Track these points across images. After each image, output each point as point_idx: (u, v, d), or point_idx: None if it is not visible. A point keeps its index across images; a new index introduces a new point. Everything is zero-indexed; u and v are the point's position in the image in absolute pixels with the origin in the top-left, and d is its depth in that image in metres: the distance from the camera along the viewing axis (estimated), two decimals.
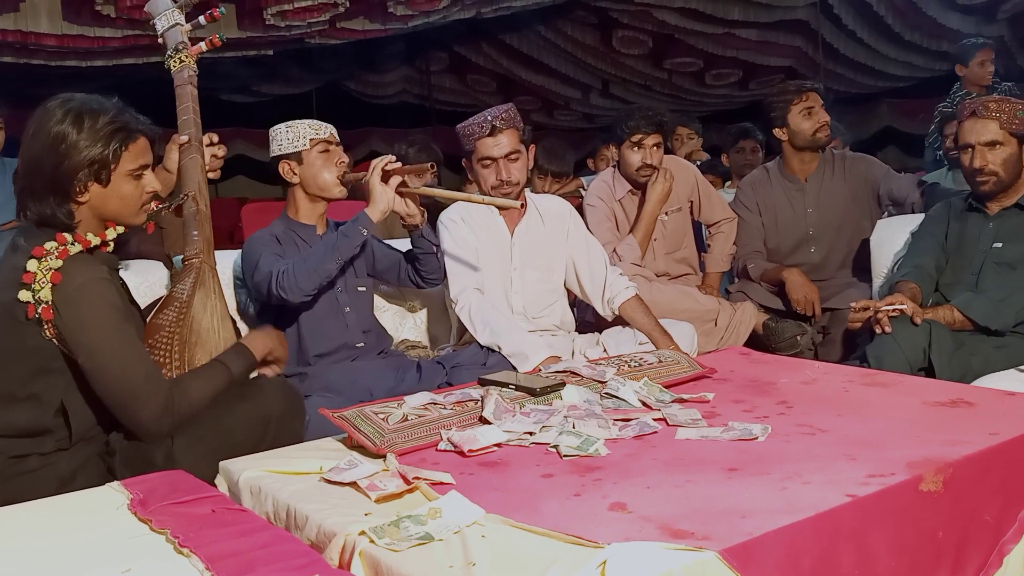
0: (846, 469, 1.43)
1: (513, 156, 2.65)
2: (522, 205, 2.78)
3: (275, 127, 2.53)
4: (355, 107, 9.94)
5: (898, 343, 2.38)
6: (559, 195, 3.68)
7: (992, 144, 2.59)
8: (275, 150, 2.51)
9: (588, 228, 3.00)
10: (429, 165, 2.59)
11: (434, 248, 2.55)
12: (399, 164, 2.40)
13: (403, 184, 2.40)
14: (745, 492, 1.36)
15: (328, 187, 2.49)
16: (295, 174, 2.49)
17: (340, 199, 2.54)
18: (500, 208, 2.47)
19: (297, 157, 2.48)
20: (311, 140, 2.47)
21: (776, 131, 3.39)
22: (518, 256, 2.75)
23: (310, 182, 2.49)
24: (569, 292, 2.92)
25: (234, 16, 5.68)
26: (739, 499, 1.33)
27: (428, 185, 3.89)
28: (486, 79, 9.67)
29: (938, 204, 2.93)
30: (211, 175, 2.33)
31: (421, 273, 2.60)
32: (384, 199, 2.35)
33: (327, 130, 2.51)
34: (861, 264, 3.29)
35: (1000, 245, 2.61)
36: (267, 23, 5.74)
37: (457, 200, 2.59)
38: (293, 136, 2.48)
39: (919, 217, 2.98)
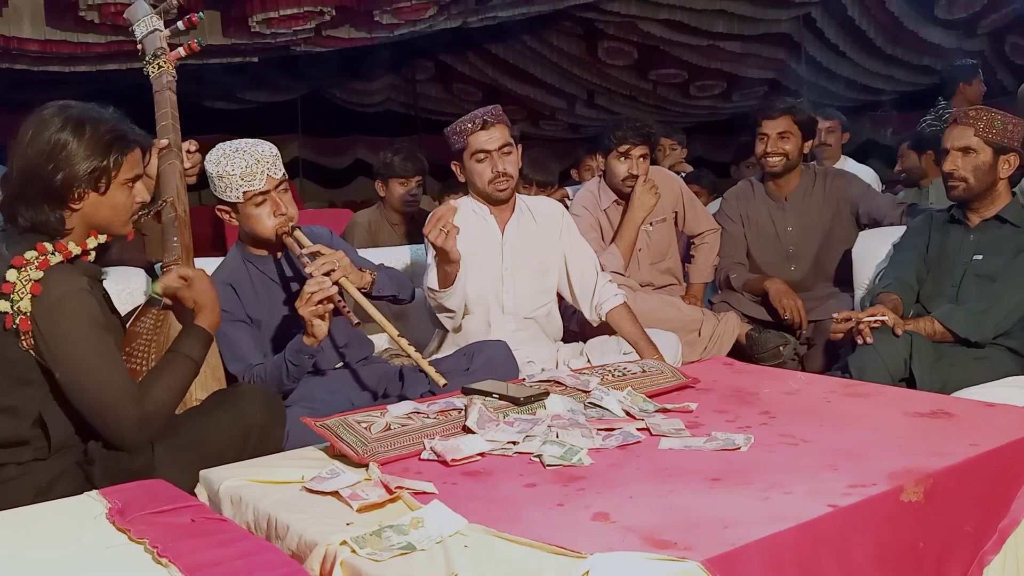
0: (828, 479, 1.43)
1: (506, 149, 2.67)
2: (512, 205, 2.78)
3: (208, 164, 2.29)
4: (340, 115, 9.93)
5: (879, 354, 2.40)
6: None
7: (965, 150, 2.61)
8: (211, 188, 2.32)
9: None
10: (370, 272, 2.36)
11: (392, 296, 2.51)
12: (328, 287, 2.16)
13: (340, 298, 2.21)
14: (728, 502, 1.37)
15: (268, 234, 2.30)
16: (232, 219, 2.34)
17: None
18: (427, 374, 2.20)
19: (232, 207, 2.31)
20: (244, 193, 2.25)
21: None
22: (509, 255, 2.75)
23: (249, 230, 2.34)
24: (557, 297, 2.92)
25: (219, 23, 5.67)
26: (722, 509, 1.34)
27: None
28: (472, 88, 9.69)
29: (920, 216, 2.96)
30: (188, 180, 2.32)
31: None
32: (321, 330, 2.18)
33: (261, 177, 2.24)
34: (843, 276, 3.31)
35: (980, 257, 2.64)
36: (252, 30, 5.73)
37: (387, 331, 2.25)
38: (224, 187, 2.26)
39: (901, 229, 3.00)
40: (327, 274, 2.19)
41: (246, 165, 2.24)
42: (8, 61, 5.54)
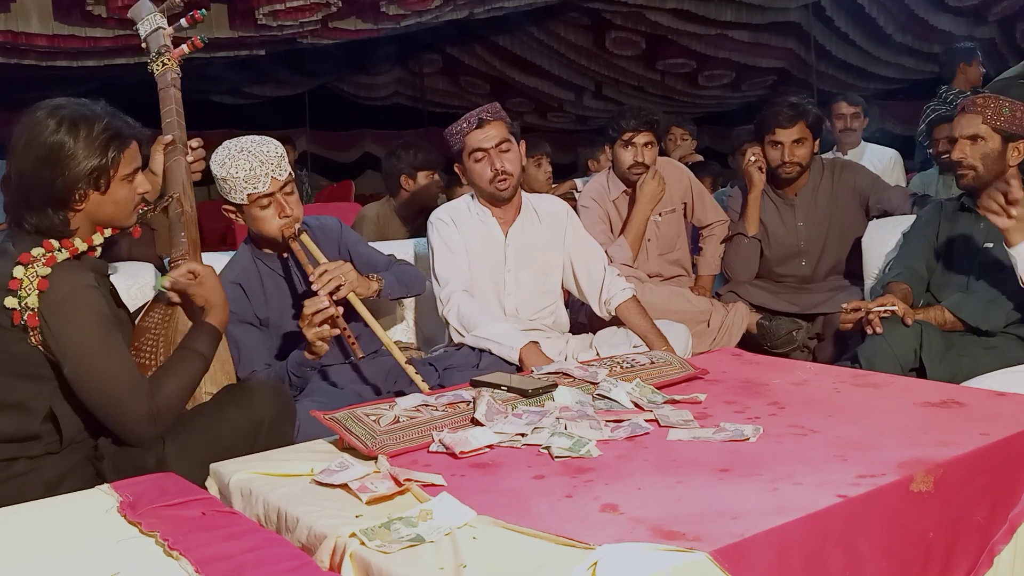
0: (837, 470, 1.43)
1: (504, 146, 2.65)
2: (518, 205, 2.77)
3: (212, 165, 2.28)
4: (348, 108, 9.94)
5: (889, 344, 2.39)
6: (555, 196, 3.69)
7: (973, 138, 2.60)
8: (217, 188, 2.32)
9: None
10: (376, 278, 2.38)
11: (401, 294, 2.54)
12: (329, 309, 2.16)
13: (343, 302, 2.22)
14: (736, 493, 1.36)
15: (274, 235, 2.30)
16: (239, 219, 2.34)
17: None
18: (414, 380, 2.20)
19: (237, 208, 2.31)
20: (248, 196, 2.25)
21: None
22: (512, 258, 2.74)
23: (255, 231, 2.36)
24: (564, 291, 2.91)
25: (226, 16, 5.66)
26: (730, 500, 1.33)
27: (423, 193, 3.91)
28: (479, 81, 9.68)
29: (929, 205, 2.94)
30: (193, 177, 2.33)
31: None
32: (323, 349, 2.19)
33: (265, 179, 2.22)
34: (852, 266, 3.30)
35: (990, 246, 2.62)
36: (259, 23, 5.73)
37: (387, 347, 2.28)
38: (229, 189, 2.26)
39: (910, 218, 2.99)
40: (333, 292, 2.19)
41: (250, 167, 2.22)
42: (16, 57, 5.56)
